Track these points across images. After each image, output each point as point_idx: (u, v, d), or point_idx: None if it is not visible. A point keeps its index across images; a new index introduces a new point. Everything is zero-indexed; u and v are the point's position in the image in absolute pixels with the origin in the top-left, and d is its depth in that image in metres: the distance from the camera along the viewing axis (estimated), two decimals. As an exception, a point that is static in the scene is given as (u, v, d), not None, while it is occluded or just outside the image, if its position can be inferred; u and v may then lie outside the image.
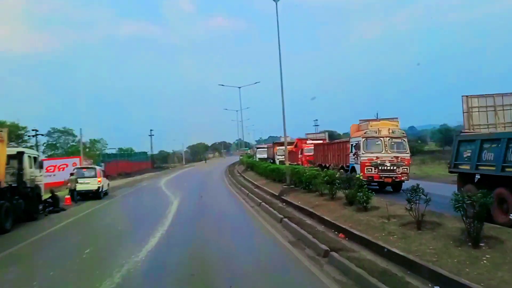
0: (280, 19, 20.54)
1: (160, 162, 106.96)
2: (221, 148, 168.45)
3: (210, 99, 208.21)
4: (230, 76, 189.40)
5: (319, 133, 63.54)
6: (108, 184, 27.06)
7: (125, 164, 71.93)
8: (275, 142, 43.15)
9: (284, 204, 15.88)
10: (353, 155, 18.21)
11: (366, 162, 17.24)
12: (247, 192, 22.07)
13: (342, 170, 19.59)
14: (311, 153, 27.76)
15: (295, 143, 32.00)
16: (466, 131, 15.98)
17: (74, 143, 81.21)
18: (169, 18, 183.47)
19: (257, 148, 59.26)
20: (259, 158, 50.34)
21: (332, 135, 69.08)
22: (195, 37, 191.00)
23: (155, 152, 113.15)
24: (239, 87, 42.00)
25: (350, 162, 18.77)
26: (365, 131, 17.83)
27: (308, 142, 30.36)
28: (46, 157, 65.62)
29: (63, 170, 52.74)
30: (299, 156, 29.95)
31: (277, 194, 18.02)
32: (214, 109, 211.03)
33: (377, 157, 17.19)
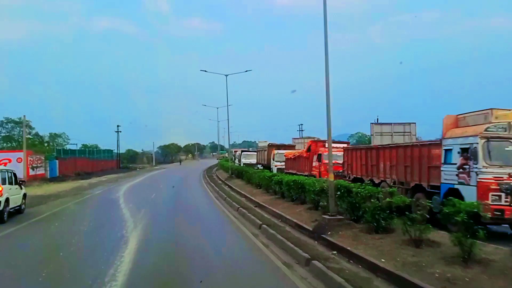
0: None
1: (128, 162, 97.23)
2: (195, 150, 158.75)
3: (184, 99, 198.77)
4: (205, 77, 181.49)
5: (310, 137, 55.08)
6: (24, 196, 16.93)
7: (85, 162, 62.46)
8: (272, 144, 34.84)
9: (341, 257, 8.40)
10: (459, 168, 10.27)
11: (490, 183, 9.37)
12: (252, 216, 13.94)
13: (420, 194, 11.68)
14: (339, 161, 19.76)
15: (307, 146, 23.71)
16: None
17: (30, 136, 71.95)
18: (145, 17, 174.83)
19: (243, 151, 50.82)
20: (244, 164, 42.05)
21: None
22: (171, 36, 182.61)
23: (123, 150, 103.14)
24: (226, 75, 33.76)
25: (446, 181, 10.85)
26: (486, 126, 9.95)
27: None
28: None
29: (5, 165, 43.42)
30: (314, 164, 21.87)
31: (313, 230, 10.31)
32: (188, 109, 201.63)
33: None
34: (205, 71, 35.72)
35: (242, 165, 42.02)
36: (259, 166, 40.53)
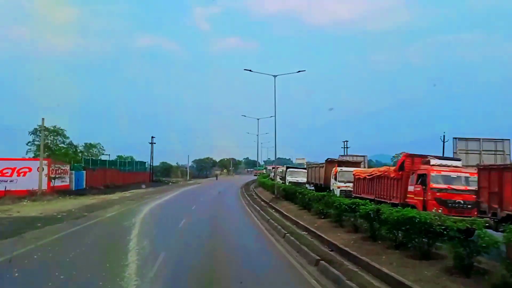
0: None
1: (161, 175, 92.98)
2: (230, 165, 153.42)
3: (221, 114, 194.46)
4: (242, 95, 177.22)
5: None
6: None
7: (116, 174, 58.09)
8: (331, 160, 27.75)
9: None
10: None
11: None
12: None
13: None
14: (470, 187, 12.76)
15: (399, 162, 16.58)
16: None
17: (64, 145, 68.79)
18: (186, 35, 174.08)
19: (288, 168, 43.98)
20: (290, 182, 35.38)
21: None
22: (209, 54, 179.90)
23: (156, 163, 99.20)
24: (275, 76, 30.11)
25: None
26: None
27: (439, 163, 14.67)
28: (33, 156, 52.49)
29: (24, 175, 39.13)
30: (413, 188, 14.76)
31: None
32: (225, 123, 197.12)
33: None
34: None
35: (287, 183, 35.44)
36: (307, 185, 33.93)
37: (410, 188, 15.58)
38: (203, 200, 31.77)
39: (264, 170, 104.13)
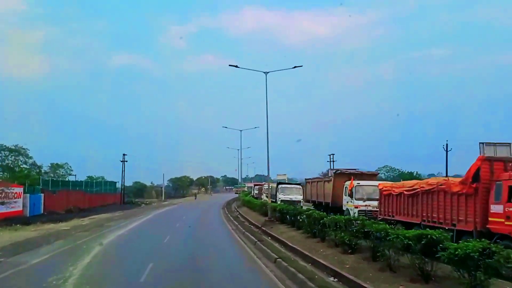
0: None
1: (134, 195, 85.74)
2: (207, 183, 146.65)
3: (198, 131, 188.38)
4: (220, 111, 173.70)
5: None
6: None
7: (81, 196, 51.22)
8: (342, 172, 21.70)
9: None
10: None
11: None
12: None
13: None
14: None
15: (472, 170, 11.06)
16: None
17: (26, 166, 61.49)
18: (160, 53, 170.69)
19: (279, 184, 37.96)
20: (283, 201, 29.84)
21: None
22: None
23: (129, 183, 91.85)
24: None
25: None
26: None
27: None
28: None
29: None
30: (505, 208, 9.39)
31: None
32: (201, 142, 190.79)
33: None
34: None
35: (279, 202, 29.91)
36: (301, 204, 28.59)
37: (496, 208, 10.22)
38: (179, 226, 25.80)
39: (246, 187, 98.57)
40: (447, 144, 48.57)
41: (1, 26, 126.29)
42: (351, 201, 21.37)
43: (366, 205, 20.08)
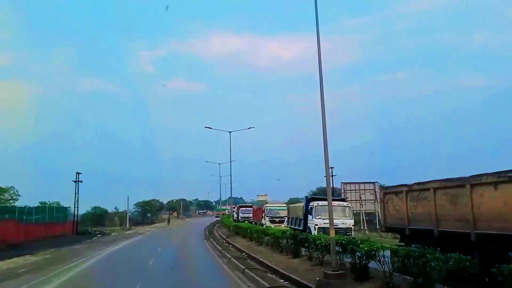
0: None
1: (93, 223, 72.03)
2: (179, 207, 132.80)
3: (169, 153, 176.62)
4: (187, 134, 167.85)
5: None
6: None
7: (13, 226, 38.37)
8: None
9: None
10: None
11: None
12: None
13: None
14: None
15: None
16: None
17: None
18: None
19: (313, 200, 26.03)
20: (319, 228, 18.71)
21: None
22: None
23: (87, 208, 77.77)
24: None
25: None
26: None
27: None
28: None
29: None
30: None
31: None
32: (172, 163, 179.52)
33: None
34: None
35: (314, 230, 19.01)
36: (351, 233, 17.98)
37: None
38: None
39: (227, 210, 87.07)
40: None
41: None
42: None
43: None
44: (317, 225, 22.04)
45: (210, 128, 38.63)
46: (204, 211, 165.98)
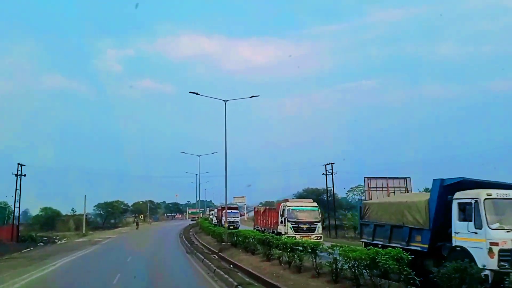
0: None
1: (42, 227, 60.72)
2: (146, 209, 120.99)
3: (135, 153, 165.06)
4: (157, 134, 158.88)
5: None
6: None
7: None
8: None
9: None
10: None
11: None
12: None
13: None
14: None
15: None
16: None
17: None
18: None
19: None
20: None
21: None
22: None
23: (32, 210, 66.18)
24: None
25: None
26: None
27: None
28: None
29: None
30: None
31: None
32: (137, 162, 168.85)
33: None
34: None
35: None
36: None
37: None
38: None
39: (201, 213, 77.14)
40: None
41: None
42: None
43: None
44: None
45: (197, 93, 26.84)
46: (173, 214, 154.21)
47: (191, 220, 80.00)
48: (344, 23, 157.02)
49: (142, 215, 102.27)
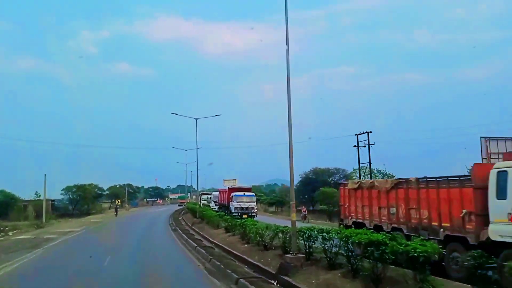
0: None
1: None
2: (124, 194, 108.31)
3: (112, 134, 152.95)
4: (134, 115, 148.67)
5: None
6: None
7: None
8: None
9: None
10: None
11: None
12: None
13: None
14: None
15: None
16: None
17: None
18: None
19: None
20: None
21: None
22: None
23: None
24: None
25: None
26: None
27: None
28: None
29: None
30: None
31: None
32: (117, 144, 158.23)
33: None
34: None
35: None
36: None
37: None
38: None
39: (188, 198, 66.76)
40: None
41: None
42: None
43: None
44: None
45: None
46: (153, 199, 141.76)
47: (179, 206, 69.73)
48: (323, 9, 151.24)
49: (119, 200, 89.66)
